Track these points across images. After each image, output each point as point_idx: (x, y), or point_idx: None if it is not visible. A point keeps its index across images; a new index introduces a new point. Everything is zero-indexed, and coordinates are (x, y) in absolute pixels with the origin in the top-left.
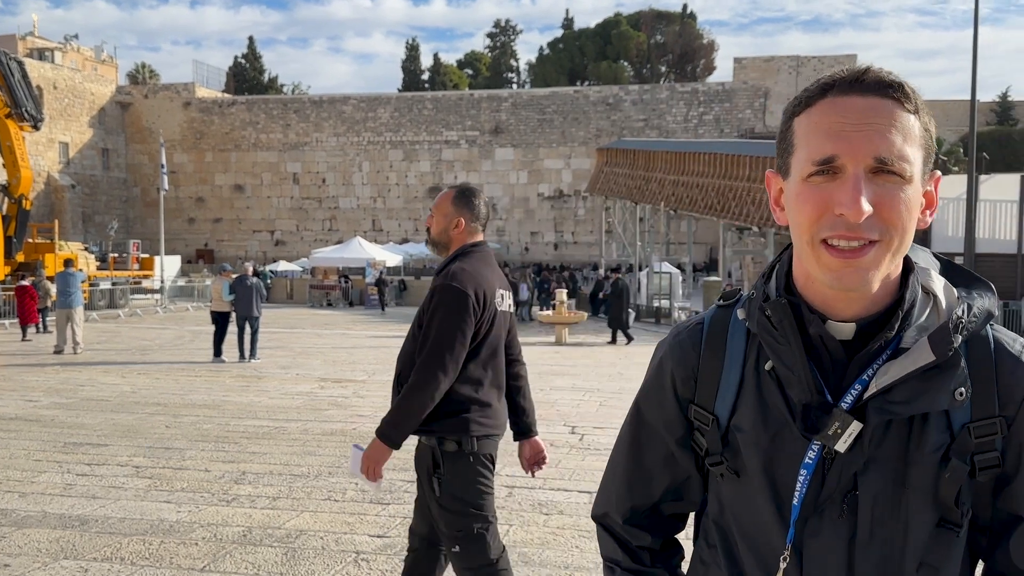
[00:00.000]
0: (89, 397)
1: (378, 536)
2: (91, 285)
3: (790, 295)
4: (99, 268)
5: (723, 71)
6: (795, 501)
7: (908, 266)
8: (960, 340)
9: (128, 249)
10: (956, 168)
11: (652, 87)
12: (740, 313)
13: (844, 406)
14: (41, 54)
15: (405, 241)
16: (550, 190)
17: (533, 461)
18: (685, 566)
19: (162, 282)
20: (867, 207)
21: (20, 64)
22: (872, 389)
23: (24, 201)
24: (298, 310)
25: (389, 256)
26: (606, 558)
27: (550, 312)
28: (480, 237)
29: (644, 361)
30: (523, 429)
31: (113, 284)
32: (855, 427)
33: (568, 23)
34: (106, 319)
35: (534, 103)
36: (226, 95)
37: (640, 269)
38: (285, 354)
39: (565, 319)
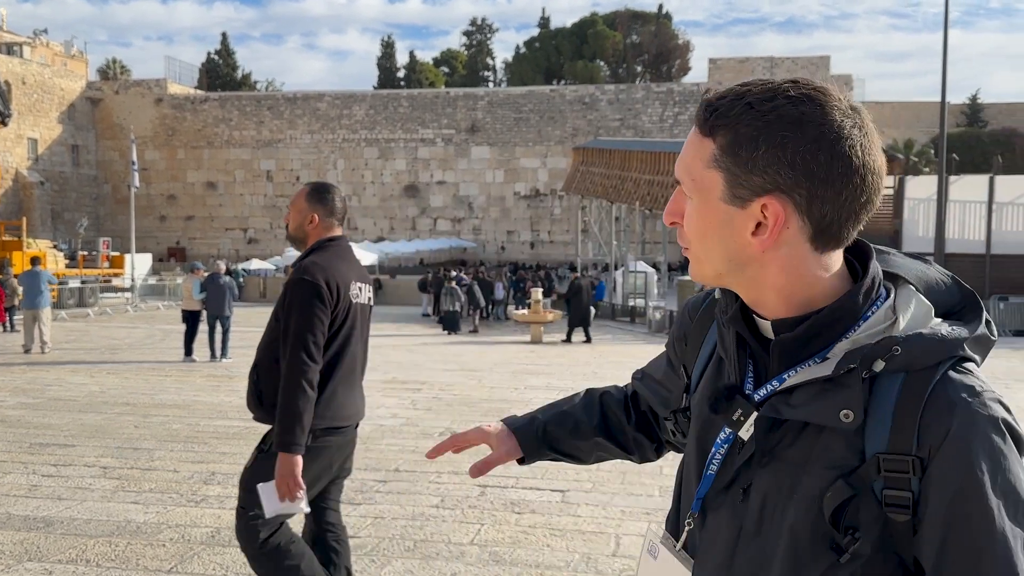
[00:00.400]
0: (56, 397)
1: (349, 537)
2: (60, 283)
3: None
4: (68, 266)
5: (698, 71)
6: (707, 472)
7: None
8: (884, 366)
9: (98, 247)
10: (927, 169)
11: (628, 87)
12: (717, 293)
13: (757, 397)
14: (9, 49)
15: (381, 240)
16: (526, 189)
17: None
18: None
19: (133, 280)
20: (666, 217)
21: None
22: (780, 387)
23: None
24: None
25: (364, 255)
26: None
27: (525, 311)
28: (337, 232)
29: (619, 360)
30: None
31: (82, 282)
32: (754, 416)
33: (544, 22)
34: (75, 318)
35: (510, 102)
36: (199, 91)
37: (616, 268)
38: None
39: (541, 318)
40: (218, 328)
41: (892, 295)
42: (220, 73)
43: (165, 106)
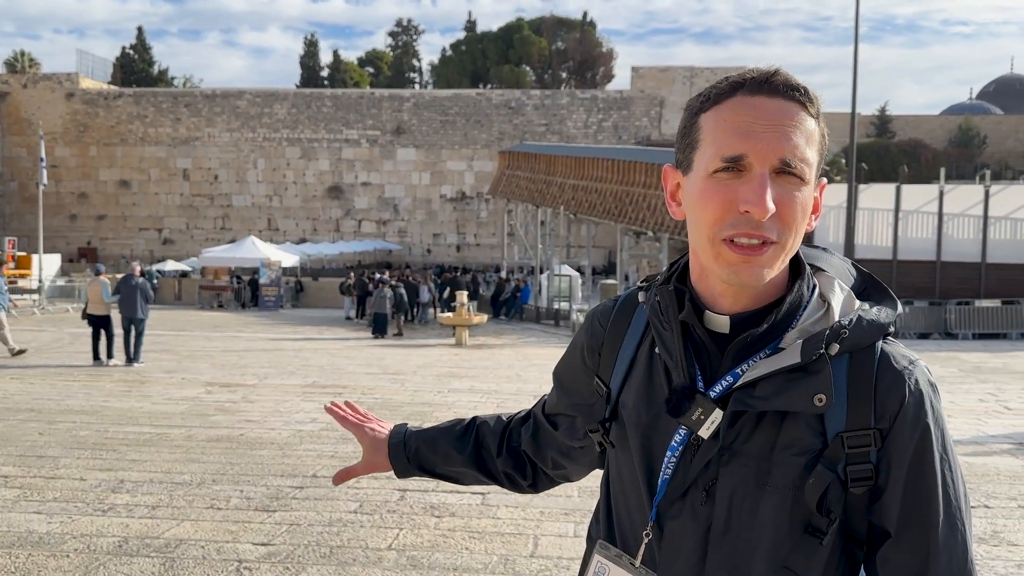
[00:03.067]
0: None
1: (262, 544)
2: None
3: (682, 284)
4: None
5: (621, 79)
6: (660, 480)
7: (800, 270)
8: (838, 349)
9: (3, 246)
10: (838, 177)
11: (553, 92)
12: (641, 296)
13: (712, 395)
14: None
15: (303, 241)
16: (452, 192)
17: None
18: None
19: (40, 282)
20: (771, 205)
21: None
22: (742, 381)
23: None
24: (187, 311)
25: (285, 256)
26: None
27: (451, 314)
28: None
29: (542, 363)
30: None
31: None
32: (717, 415)
33: (471, 25)
34: None
35: (436, 104)
36: (112, 87)
37: (541, 271)
38: (171, 357)
39: (465, 321)
40: (132, 331)
41: (815, 284)
42: (135, 68)
43: (77, 101)
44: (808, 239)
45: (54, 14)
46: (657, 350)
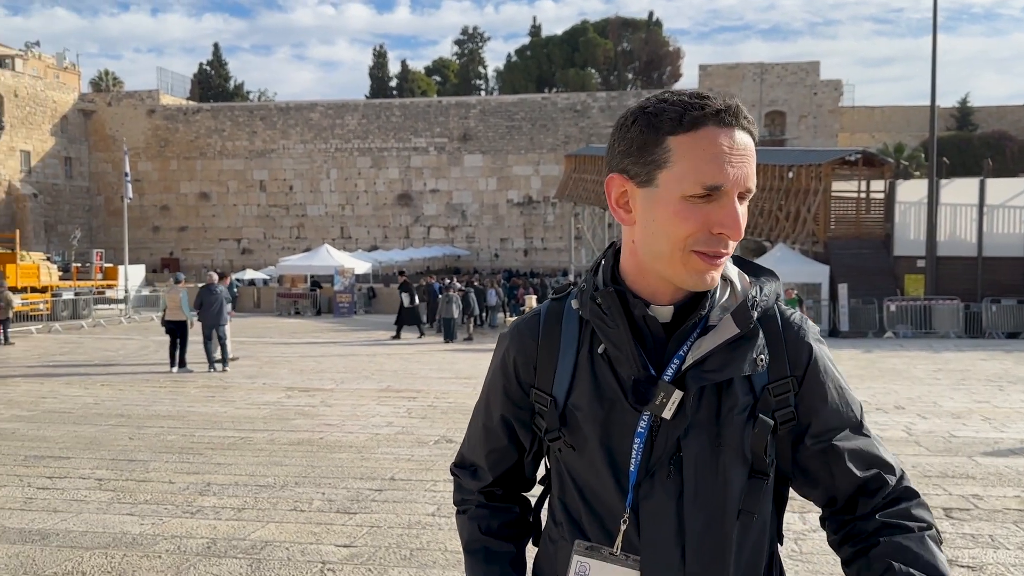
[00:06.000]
0: (51, 409)
1: (345, 546)
2: (53, 295)
3: (616, 285)
4: (62, 278)
5: (689, 78)
6: (632, 468)
7: None
8: (756, 316)
9: (91, 259)
10: (918, 173)
11: (620, 94)
12: (574, 303)
13: (666, 378)
14: (1, 62)
15: (374, 248)
16: (519, 196)
17: None
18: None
19: (126, 292)
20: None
21: None
22: (689, 361)
23: None
24: (265, 319)
25: (358, 263)
26: (456, 503)
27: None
28: None
29: None
30: None
31: (76, 294)
32: (677, 395)
33: (536, 30)
34: (69, 330)
35: (502, 110)
36: (191, 102)
37: None
38: (251, 363)
39: None
40: (214, 338)
41: None
42: (212, 84)
43: (158, 117)
44: (887, 240)
45: (133, 34)
46: (600, 350)
